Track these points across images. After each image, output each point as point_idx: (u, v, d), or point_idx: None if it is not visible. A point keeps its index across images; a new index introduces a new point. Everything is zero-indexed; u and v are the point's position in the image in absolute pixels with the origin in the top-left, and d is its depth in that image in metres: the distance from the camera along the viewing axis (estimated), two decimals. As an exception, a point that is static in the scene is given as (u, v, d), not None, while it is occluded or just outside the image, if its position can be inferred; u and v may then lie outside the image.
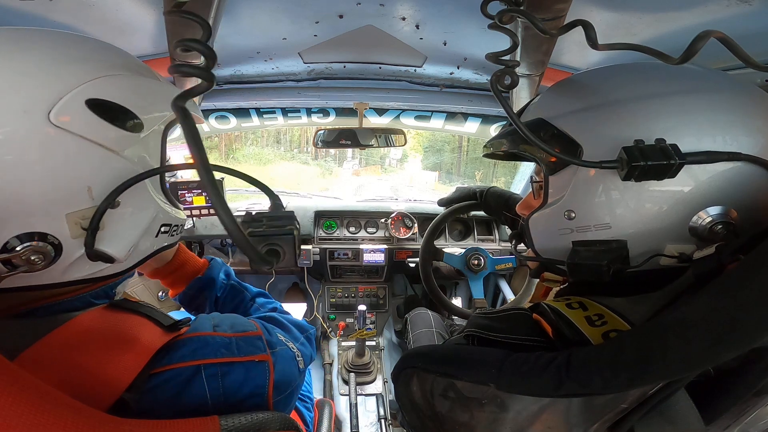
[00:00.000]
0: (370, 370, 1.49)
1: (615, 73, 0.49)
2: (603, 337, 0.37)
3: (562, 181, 0.49)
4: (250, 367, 0.46)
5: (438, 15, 0.77)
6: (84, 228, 0.38)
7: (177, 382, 0.42)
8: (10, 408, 0.28)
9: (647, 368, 0.31)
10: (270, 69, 1.08)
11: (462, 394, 0.43)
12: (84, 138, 0.37)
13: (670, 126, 0.41)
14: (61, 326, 0.39)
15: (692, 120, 0.42)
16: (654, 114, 0.43)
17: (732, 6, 0.55)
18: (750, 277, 0.30)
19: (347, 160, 9.90)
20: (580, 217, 0.48)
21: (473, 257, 1.48)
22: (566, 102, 0.49)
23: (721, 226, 0.40)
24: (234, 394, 0.44)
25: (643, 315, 0.38)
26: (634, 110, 0.44)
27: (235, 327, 0.50)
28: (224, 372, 0.44)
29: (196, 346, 0.45)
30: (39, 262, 0.36)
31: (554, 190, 0.51)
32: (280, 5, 0.73)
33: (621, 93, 0.45)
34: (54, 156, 0.35)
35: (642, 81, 0.46)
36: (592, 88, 0.48)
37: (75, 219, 0.37)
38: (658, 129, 0.41)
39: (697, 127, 0.41)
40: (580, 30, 0.44)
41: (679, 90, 0.43)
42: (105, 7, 0.65)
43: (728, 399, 0.39)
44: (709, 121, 0.41)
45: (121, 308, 0.44)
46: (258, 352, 0.48)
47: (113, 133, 0.39)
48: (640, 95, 0.44)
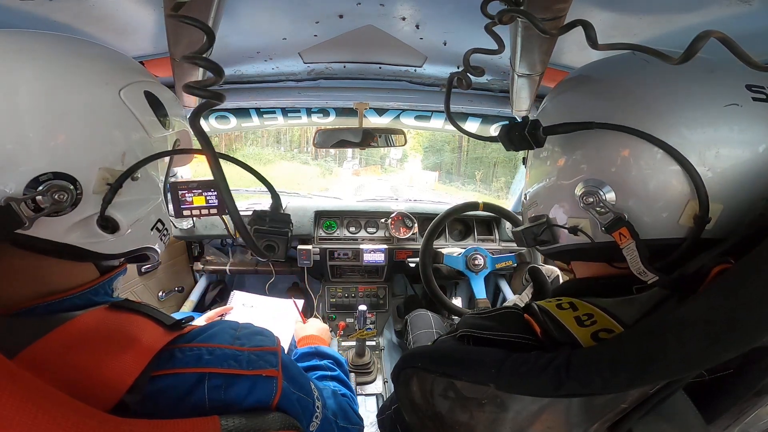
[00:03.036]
0: (370, 370, 1.50)
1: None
2: (592, 337, 0.37)
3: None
4: (256, 381, 0.45)
5: (438, 15, 0.77)
6: (109, 184, 0.44)
7: (179, 390, 0.41)
8: (9, 407, 0.28)
9: (647, 368, 0.31)
10: (270, 69, 1.08)
11: (462, 394, 0.43)
12: (134, 115, 0.47)
13: (543, 108, 0.54)
14: (62, 325, 0.38)
15: (558, 103, 0.52)
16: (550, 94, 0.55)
17: (732, 6, 0.55)
18: (750, 277, 0.30)
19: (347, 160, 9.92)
20: (527, 199, 0.58)
21: (473, 257, 1.48)
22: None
23: (593, 198, 0.44)
24: (235, 405, 0.43)
25: (633, 315, 0.38)
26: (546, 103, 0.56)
27: (252, 341, 0.48)
28: (228, 384, 0.43)
29: (203, 353, 0.43)
30: (63, 201, 0.41)
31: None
32: (280, 5, 0.73)
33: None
34: (111, 119, 0.45)
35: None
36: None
37: (104, 174, 0.44)
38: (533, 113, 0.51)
39: (560, 108, 0.51)
40: (580, 30, 0.44)
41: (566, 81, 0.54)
42: (105, 7, 0.65)
43: (728, 399, 0.39)
44: (566, 99, 0.51)
45: (123, 308, 0.44)
46: (267, 367, 0.46)
47: (152, 119, 0.50)
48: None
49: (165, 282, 1.62)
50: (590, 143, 0.45)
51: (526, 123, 0.47)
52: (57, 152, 0.41)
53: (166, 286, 1.61)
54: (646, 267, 0.39)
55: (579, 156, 0.47)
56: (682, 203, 0.39)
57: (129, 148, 0.47)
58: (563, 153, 0.49)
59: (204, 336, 0.46)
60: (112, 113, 0.45)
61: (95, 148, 0.43)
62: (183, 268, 1.78)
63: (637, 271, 0.40)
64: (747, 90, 0.38)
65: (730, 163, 0.38)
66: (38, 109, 0.40)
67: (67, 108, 0.42)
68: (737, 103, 0.37)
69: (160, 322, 0.44)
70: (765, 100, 0.38)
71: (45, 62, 0.42)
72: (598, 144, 0.44)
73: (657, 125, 0.39)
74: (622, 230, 0.41)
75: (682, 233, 0.41)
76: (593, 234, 0.46)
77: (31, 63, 0.41)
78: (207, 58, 0.37)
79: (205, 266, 1.78)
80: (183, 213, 1.46)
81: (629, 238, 0.40)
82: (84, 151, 0.42)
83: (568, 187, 0.47)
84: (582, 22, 0.43)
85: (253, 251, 0.41)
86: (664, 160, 0.39)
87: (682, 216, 0.40)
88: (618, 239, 0.42)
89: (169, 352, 0.42)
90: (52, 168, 0.40)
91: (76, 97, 0.42)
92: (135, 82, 0.48)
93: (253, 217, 0.53)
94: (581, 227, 0.47)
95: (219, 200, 1.46)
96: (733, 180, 0.38)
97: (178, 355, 0.43)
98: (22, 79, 0.40)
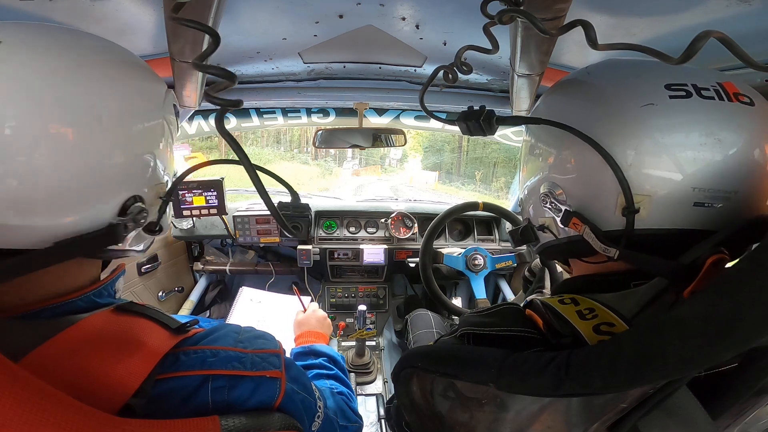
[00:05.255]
0: (370, 370, 1.49)
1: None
2: (594, 330, 0.38)
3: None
4: (260, 382, 0.45)
5: (438, 15, 0.77)
6: (160, 197, 0.50)
7: (183, 392, 0.41)
8: (12, 408, 0.28)
9: (646, 368, 0.31)
10: (270, 69, 1.08)
11: (462, 394, 0.44)
12: (170, 131, 0.51)
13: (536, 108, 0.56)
14: (67, 329, 0.38)
15: (543, 104, 0.55)
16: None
17: (732, 6, 0.55)
18: (750, 276, 0.30)
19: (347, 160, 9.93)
20: (520, 201, 0.61)
21: (473, 257, 1.48)
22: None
23: (549, 196, 0.48)
24: (238, 406, 0.43)
25: (631, 309, 0.39)
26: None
27: (255, 344, 0.49)
28: (232, 385, 0.43)
29: (207, 355, 0.44)
30: (143, 220, 0.46)
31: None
32: (280, 5, 0.73)
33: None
34: (163, 139, 0.49)
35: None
36: None
37: (158, 190, 0.49)
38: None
39: (544, 109, 0.54)
40: (579, 30, 0.44)
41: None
42: (105, 7, 0.65)
43: (728, 398, 0.39)
44: (551, 101, 0.53)
45: (128, 311, 0.44)
46: (270, 368, 0.47)
47: (174, 128, 0.54)
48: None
49: (165, 282, 1.62)
50: (552, 145, 0.50)
51: (482, 111, 0.50)
52: (135, 178, 0.45)
53: (166, 287, 1.61)
54: (603, 243, 0.43)
55: (542, 157, 0.52)
56: (614, 197, 0.43)
57: (168, 161, 0.51)
58: (534, 155, 0.54)
59: (208, 339, 0.46)
60: (162, 133, 0.49)
61: (154, 168, 0.48)
62: (183, 268, 1.78)
63: (601, 249, 0.43)
64: (666, 89, 0.41)
65: (649, 158, 0.41)
66: (120, 141, 0.42)
67: (138, 134, 0.44)
68: (653, 103, 0.41)
69: (166, 325, 0.44)
70: (684, 96, 0.40)
71: (121, 86, 0.43)
72: (556, 145, 0.49)
73: (595, 127, 0.43)
74: (574, 220, 0.46)
75: (622, 224, 0.44)
76: (557, 231, 0.51)
77: (110, 90, 0.42)
78: (220, 67, 0.39)
79: (205, 266, 1.78)
80: (183, 213, 1.46)
81: (582, 225, 0.45)
82: (149, 172, 0.47)
83: (536, 188, 0.52)
84: (582, 22, 0.43)
85: (285, 230, 0.51)
86: (596, 157, 0.42)
87: (617, 208, 0.43)
88: (575, 229, 0.46)
89: (174, 355, 0.43)
90: (134, 192, 0.45)
91: (143, 123, 0.45)
92: (166, 96, 0.50)
93: (279, 206, 0.60)
94: (546, 225, 0.52)
95: (219, 200, 1.47)
96: (657, 173, 0.41)
97: (182, 358, 0.43)
98: (105, 111, 0.40)
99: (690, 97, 0.40)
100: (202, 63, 0.38)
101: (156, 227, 0.51)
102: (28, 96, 0.36)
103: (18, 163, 0.35)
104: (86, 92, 0.39)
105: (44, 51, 0.38)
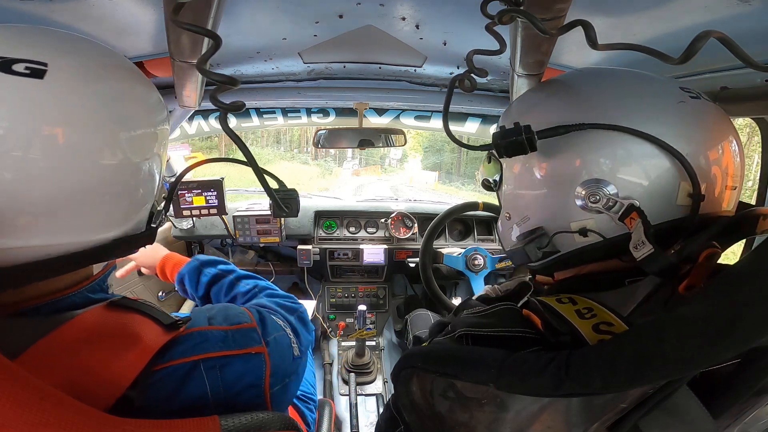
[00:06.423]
0: (370, 370, 1.50)
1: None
2: (593, 329, 0.38)
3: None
4: (247, 360, 0.48)
5: (438, 15, 0.77)
6: (163, 196, 0.55)
7: (177, 377, 0.43)
8: (10, 408, 0.28)
9: (646, 368, 0.31)
10: (270, 69, 1.08)
11: (462, 394, 0.44)
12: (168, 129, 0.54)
13: (523, 111, 0.56)
14: (63, 325, 0.39)
15: (540, 107, 0.54)
16: (515, 106, 0.59)
17: (732, 6, 0.55)
18: (750, 276, 0.30)
19: (347, 160, 9.93)
20: (513, 216, 0.57)
21: (473, 257, 1.48)
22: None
23: (598, 196, 0.46)
24: (233, 386, 0.46)
25: (628, 306, 0.40)
26: (514, 104, 0.60)
27: (229, 319, 0.51)
28: (222, 365, 0.46)
29: (195, 341, 0.46)
30: (159, 220, 0.53)
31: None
32: (280, 5, 0.73)
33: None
34: (167, 142, 0.54)
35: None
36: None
37: (161, 190, 0.53)
38: (519, 117, 0.52)
39: (545, 111, 0.52)
40: (579, 30, 0.44)
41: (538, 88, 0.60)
42: (105, 7, 0.65)
43: (728, 398, 0.39)
44: (551, 104, 0.53)
45: (121, 307, 0.45)
46: (253, 344, 0.50)
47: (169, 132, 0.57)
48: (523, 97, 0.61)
49: (165, 282, 1.62)
50: (582, 146, 0.47)
51: (520, 128, 0.48)
52: (155, 182, 0.50)
53: (166, 286, 1.61)
54: (647, 237, 0.41)
55: (571, 160, 0.48)
56: (675, 185, 0.44)
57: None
58: (550, 161, 0.50)
59: (188, 326, 0.48)
60: (166, 137, 0.52)
61: (162, 171, 0.51)
62: (183, 268, 1.78)
63: (634, 244, 0.42)
64: (683, 91, 0.47)
65: (696, 148, 0.44)
66: (147, 155, 0.46)
67: (150, 142, 0.48)
68: (683, 101, 0.46)
69: (159, 321, 0.45)
70: (696, 97, 0.47)
71: (144, 103, 0.47)
72: (590, 146, 0.47)
73: (638, 123, 0.44)
74: (633, 215, 0.44)
75: (679, 213, 0.44)
76: (604, 231, 0.47)
77: (138, 104, 0.46)
78: (223, 74, 0.42)
79: (205, 266, 1.78)
80: (183, 213, 1.46)
81: (637, 219, 0.43)
82: (158, 175, 0.50)
83: (564, 193, 0.49)
84: (582, 22, 0.43)
85: (276, 206, 0.54)
86: (653, 151, 0.44)
87: (678, 197, 0.44)
88: (629, 225, 0.44)
89: (164, 346, 0.43)
90: (155, 198, 0.51)
91: (161, 130, 0.49)
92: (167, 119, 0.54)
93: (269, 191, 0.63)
94: (590, 227, 0.48)
95: (219, 200, 1.47)
96: (705, 162, 0.44)
97: (174, 347, 0.44)
98: (139, 124, 0.44)
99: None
100: (207, 68, 0.40)
101: (158, 219, 0.55)
102: (71, 120, 0.38)
103: (73, 183, 0.39)
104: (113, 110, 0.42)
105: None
